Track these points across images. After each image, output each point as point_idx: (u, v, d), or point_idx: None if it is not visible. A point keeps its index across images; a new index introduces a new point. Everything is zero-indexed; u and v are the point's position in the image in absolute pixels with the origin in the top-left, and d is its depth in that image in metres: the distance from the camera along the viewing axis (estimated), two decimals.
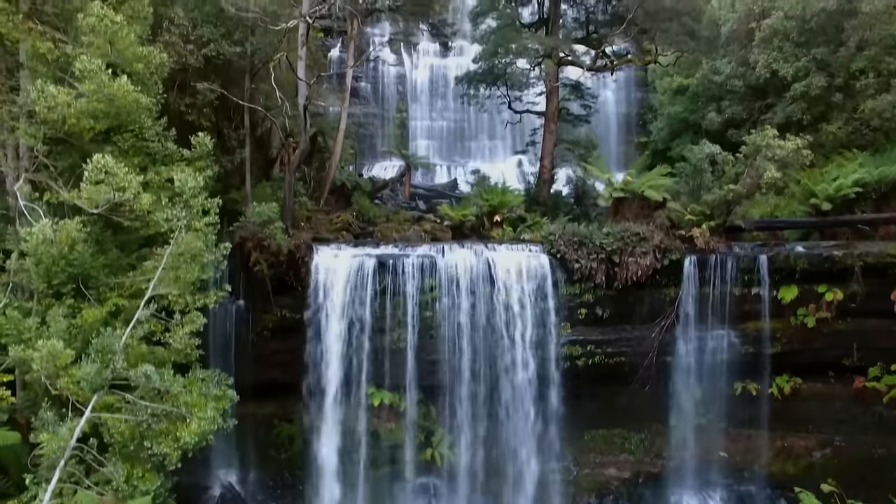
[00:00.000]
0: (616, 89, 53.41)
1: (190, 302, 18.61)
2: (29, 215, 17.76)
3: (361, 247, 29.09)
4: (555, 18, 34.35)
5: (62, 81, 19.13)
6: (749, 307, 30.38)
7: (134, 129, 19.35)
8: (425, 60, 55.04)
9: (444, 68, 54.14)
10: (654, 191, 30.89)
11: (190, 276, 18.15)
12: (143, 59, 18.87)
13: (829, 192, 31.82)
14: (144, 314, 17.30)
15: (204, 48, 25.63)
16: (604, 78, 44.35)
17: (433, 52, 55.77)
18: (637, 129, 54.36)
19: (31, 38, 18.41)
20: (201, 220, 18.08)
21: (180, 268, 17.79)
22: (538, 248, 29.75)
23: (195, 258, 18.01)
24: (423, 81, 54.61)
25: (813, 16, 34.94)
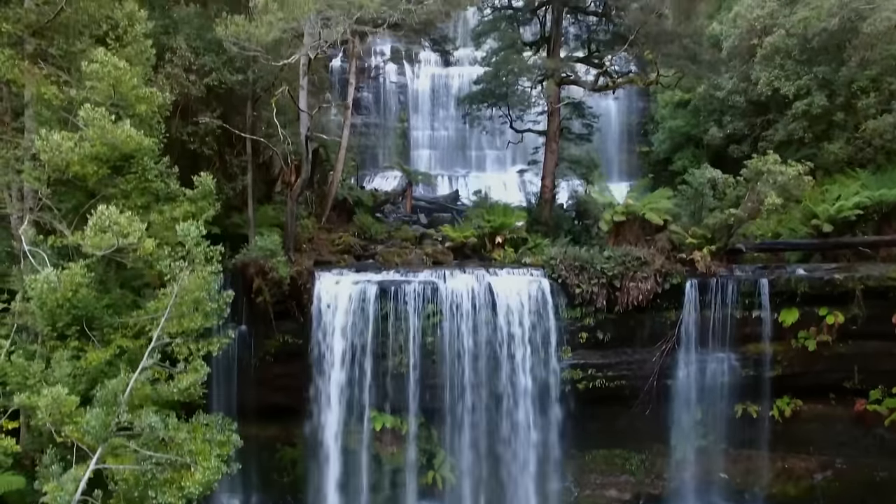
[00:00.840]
0: (618, 99, 53.34)
1: (193, 350, 18.74)
2: (33, 259, 17.87)
3: (363, 272, 29.18)
4: (556, 38, 34.34)
5: (66, 122, 19.25)
6: (750, 330, 30.50)
7: (137, 171, 19.45)
8: (427, 70, 54.95)
9: (446, 78, 54.03)
10: (655, 214, 30.92)
11: (193, 324, 18.29)
12: (146, 100, 18.94)
13: (831, 214, 31.87)
14: (149, 363, 17.41)
15: (206, 77, 25.71)
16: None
17: (434, 62, 55.67)
18: (639, 139, 54.22)
19: (36, 83, 18.50)
20: (204, 270, 18.16)
21: (184, 316, 17.92)
22: (539, 273, 29.86)
23: (198, 307, 18.14)
24: (424, 91, 54.50)
25: (815, 35, 34.94)
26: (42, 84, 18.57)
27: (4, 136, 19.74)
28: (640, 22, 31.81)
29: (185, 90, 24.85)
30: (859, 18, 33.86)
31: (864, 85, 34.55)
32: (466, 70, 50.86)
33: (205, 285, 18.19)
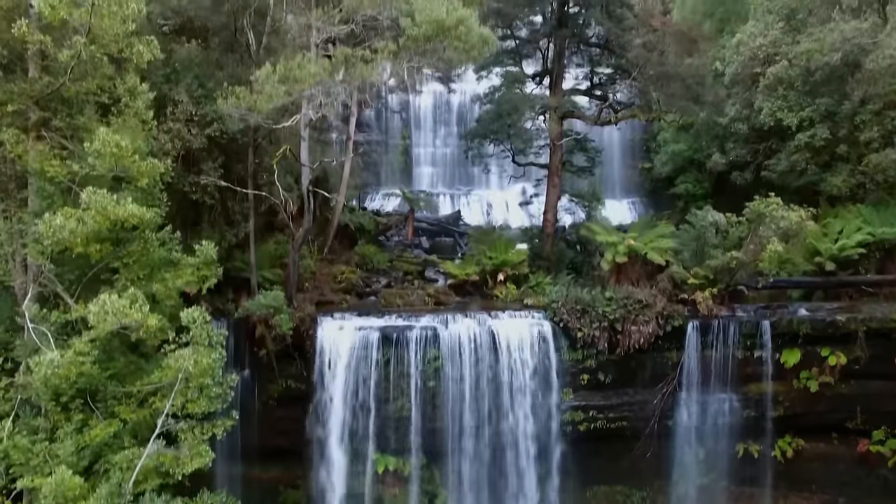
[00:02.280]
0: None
1: (198, 434, 18.81)
2: (38, 339, 17.95)
3: (365, 316, 29.23)
4: (559, 72, 34.24)
5: (69, 191, 19.31)
6: (751, 370, 30.60)
7: (139, 243, 19.47)
8: (429, 87, 54.85)
9: (448, 95, 53.92)
10: (657, 254, 30.94)
11: (197, 408, 18.37)
12: (147, 173, 18.96)
13: (833, 252, 31.80)
14: (153, 449, 17.51)
15: (207, 128, 25.71)
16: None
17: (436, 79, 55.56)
18: (641, 155, 54.09)
19: (40, 159, 18.55)
20: (209, 356, 18.23)
21: (188, 401, 18.03)
22: (541, 315, 29.95)
23: (203, 391, 18.24)
24: (426, 108, 54.40)
25: (817, 68, 34.74)
26: (45, 159, 18.59)
27: (9, 207, 19.79)
28: (642, 59, 31.73)
29: (188, 143, 24.84)
30: (862, 53, 33.71)
31: (866, 119, 34.40)
32: (469, 87, 50.71)
33: (209, 371, 18.25)
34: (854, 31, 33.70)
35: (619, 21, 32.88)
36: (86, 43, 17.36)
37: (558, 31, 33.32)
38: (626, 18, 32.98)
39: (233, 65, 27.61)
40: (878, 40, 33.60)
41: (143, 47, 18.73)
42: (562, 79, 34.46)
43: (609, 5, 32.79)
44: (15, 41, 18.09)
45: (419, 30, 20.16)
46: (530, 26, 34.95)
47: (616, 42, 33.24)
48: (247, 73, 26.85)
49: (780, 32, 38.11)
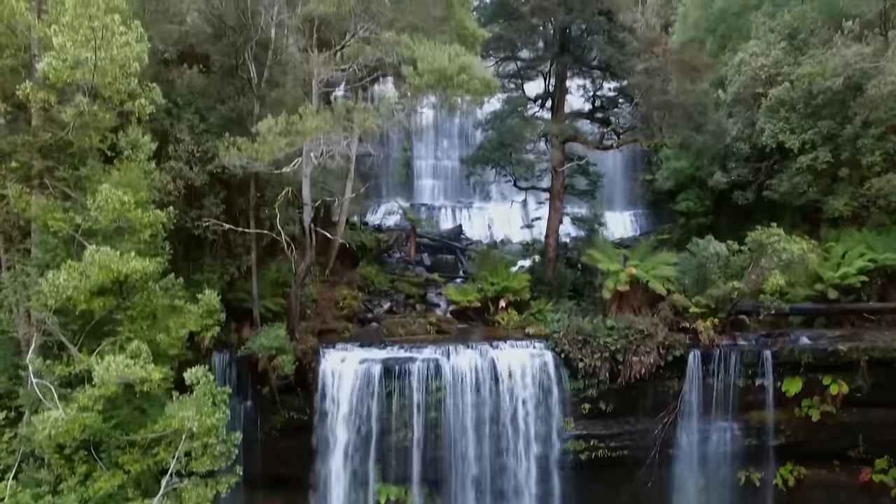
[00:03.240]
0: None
1: (202, 494, 18.86)
2: (41, 394, 18.02)
3: (368, 347, 29.29)
4: (560, 97, 34.20)
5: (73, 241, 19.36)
6: (753, 398, 30.67)
7: (142, 295, 19.51)
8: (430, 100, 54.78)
9: None
10: (659, 282, 30.97)
11: (201, 467, 18.45)
12: (150, 225, 19.01)
13: (835, 280, 31.79)
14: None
15: (209, 164, 25.71)
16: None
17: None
18: (643, 167, 54.04)
19: (43, 212, 18.59)
20: (213, 416, 18.29)
21: (192, 458, 18.11)
22: (542, 345, 30.02)
23: (206, 450, 18.31)
24: (427, 120, 54.23)
25: (819, 92, 34.66)
26: (48, 212, 18.63)
27: (12, 258, 19.85)
28: (645, 85, 31.66)
29: (190, 181, 24.90)
30: (864, 77, 33.67)
31: (868, 143, 34.33)
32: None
33: (213, 430, 18.32)
34: (856, 55, 33.68)
35: (620, 46, 32.81)
36: (88, 102, 17.36)
37: (560, 56, 33.27)
38: (628, 43, 32.91)
39: (235, 98, 27.53)
40: (879, 65, 33.57)
41: (145, 100, 18.69)
42: (563, 104, 34.42)
43: (611, 30, 32.68)
44: (19, 98, 18.05)
45: (421, 79, 20.18)
46: (532, 50, 34.83)
47: (618, 66, 33.14)
48: (249, 106, 27.11)
49: (782, 52, 38.05)
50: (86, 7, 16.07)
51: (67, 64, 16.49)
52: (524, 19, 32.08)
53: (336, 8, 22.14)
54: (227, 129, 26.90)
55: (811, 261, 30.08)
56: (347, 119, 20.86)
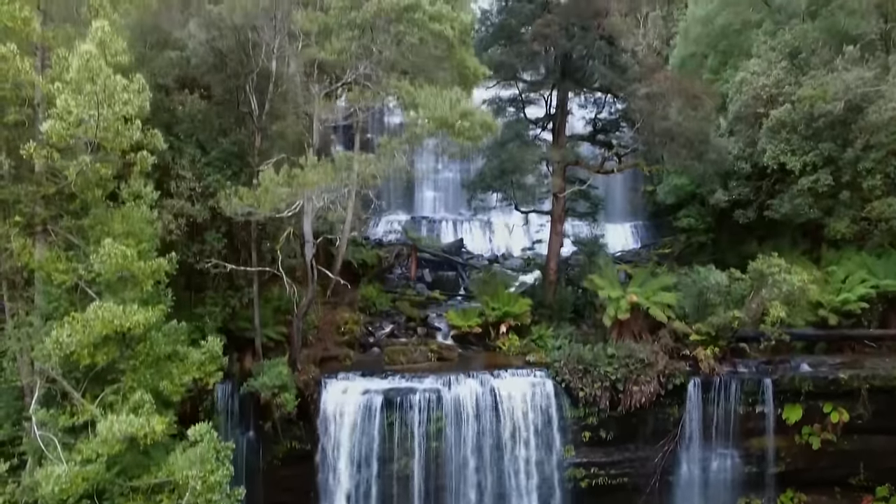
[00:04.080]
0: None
1: None
2: (44, 446, 18.14)
3: (369, 376, 29.39)
4: (561, 122, 34.22)
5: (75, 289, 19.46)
6: (753, 425, 30.82)
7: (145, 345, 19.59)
8: None
9: None
10: (660, 309, 31.08)
11: None
12: (153, 274, 19.09)
13: (836, 305, 31.85)
14: None
15: (210, 199, 25.76)
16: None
17: None
18: (644, 178, 53.93)
19: (46, 263, 18.68)
20: (217, 473, 18.39)
21: None
22: (543, 373, 30.18)
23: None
24: None
25: (820, 115, 34.62)
26: (51, 263, 18.71)
27: (16, 306, 19.95)
28: (646, 112, 31.66)
29: (191, 218, 24.97)
30: (865, 100, 33.66)
31: (869, 166, 34.34)
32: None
33: (217, 487, 18.42)
34: (857, 79, 33.65)
35: (622, 71, 32.81)
36: (91, 160, 17.44)
37: (561, 82, 33.29)
38: (629, 67, 32.90)
39: (236, 129, 27.58)
40: (880, 89, 33.55)
41: (147, 151, 18.75)
42: (564, 128, 34.45)
43: (612, 55, 32.66)
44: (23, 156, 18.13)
45: (423, 128, 20.21)
46: (533, 73, 34.80)
47: (619, 90, 33.17)
48: (251, 139, 27.14)
49: (783, 72, 37.90)
50: (89, 71, 16.09)
51: (71, 124, 16.54)
52: (525, 44, 32.01)
53: (337, 55, 22.18)
54: (229, 163, 27.16)
55: (812, 292, 30.03)
56: (348, 168, 20.90)
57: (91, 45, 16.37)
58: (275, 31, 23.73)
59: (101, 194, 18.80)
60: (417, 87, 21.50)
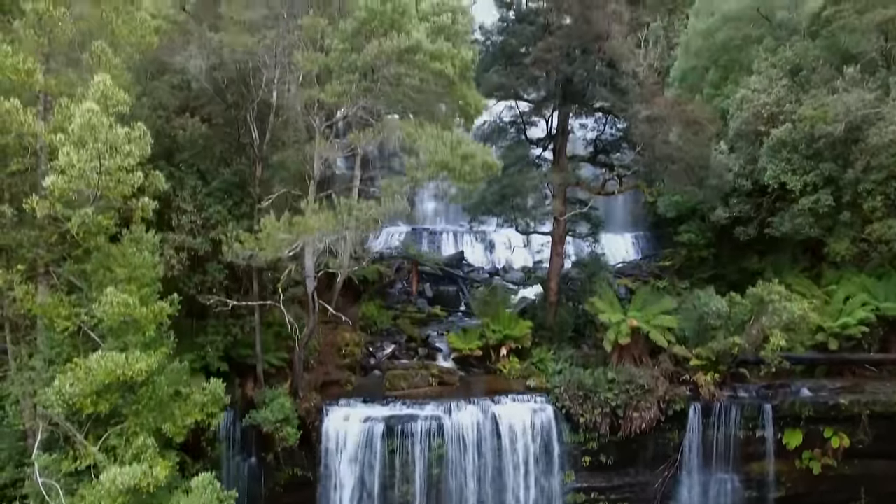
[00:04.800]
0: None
1: None
2: (46, 493, 18.25)
3: (370, 404, 29.46)
4: (562, 145, 34.19)
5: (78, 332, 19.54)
6: (753, 449, 30.97)
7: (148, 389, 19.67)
8: None
9: None
10: (660, 333, 31.14)
11: None
12: (157, 317, 19.17)
13: (836, 330, 31.88)
14: None
15: (212, 231, 25.81)
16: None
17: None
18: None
19: (49, 309, 18.74)
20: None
21: None
22: (543, 399, 30.29)
23: None
24: None
25: (820, 136, 34.58)
26: (53, 309, 18.77)
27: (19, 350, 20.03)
28: (647, 135, 31.65)
29: (194, 252, 25.03)
30: (865, 122, 33.62)
31: (870, 188, 34.34)
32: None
33: None
34: (857, 101, 33.56)
35: (623, 93, 32.75)
36: (94, 211, 17.50)
37: (562, 105, 33.25)
38: (630, 90, 32.85)
39: (237, 158, 27.61)
40: (881, 110, 33.51)
41: (149, 199, 18.81)
42: (565, 150, 34.41)
43: (613, 77, 32.61)
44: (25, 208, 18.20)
45: (424, 172, 20.24)
46: (535, 94, 34.74)
47: (621, 113, 33.18)
48: (252, 168, 27.16)
49: (784, 90, 37.88)
50: (91, 128, 16.12)
51: (73, 178, 16.58)
52: (526, 67, 31.95)
53: (337, 98, 22.19)
54: (230, 193, 27.20)
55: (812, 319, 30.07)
56: (349, 214, 20.94)
57: (93, 103, 16.38)
58: (276, 61, 23.68)
59: (102, 241, 18.81)
60: (418, 127, 21.50)
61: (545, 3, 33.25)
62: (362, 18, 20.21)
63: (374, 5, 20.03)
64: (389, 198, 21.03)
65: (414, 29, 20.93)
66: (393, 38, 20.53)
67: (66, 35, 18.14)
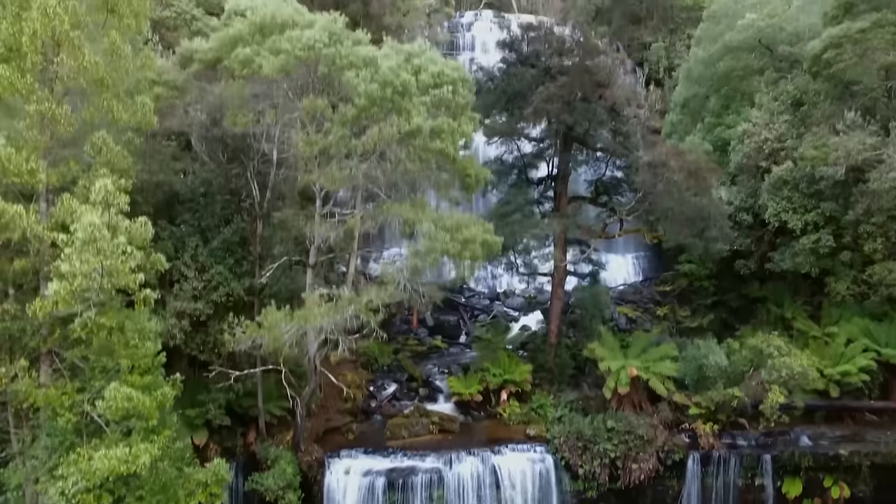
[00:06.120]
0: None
1: None
2: None
3: (371, 455, 29.64)
4: (563, 190, 34.21)
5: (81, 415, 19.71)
6: (752, 497, 31.12)
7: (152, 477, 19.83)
8: None
9: None
10: (659, 381, 31.31)
11: None
12: (161, 404, 19.32)
13: (836, 378, 31.98)
14: None
15: (213, 293, 25.95)
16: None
17: None
18: None
19: (52, 401, 18.91)
20: None
21: None
22: (543, 449, 30.49)
23: None
24: None
25: (821, 178, 34.57)
26: (56, 399, 18.94)
27: (23, 435, 20.21)
28: (648, 183, 31.70)
29: (196, 316, 25.18)
30: (866, 165, 33.58)
31: (870, 230, 34.35)
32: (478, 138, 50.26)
33: None
34: (858, 145, 33.44)
35: (625, 138, 32.80)
36: (97, 314, 17.63)
37: (563, 152, 33.26)
38: (632, 135, 32.89)
39: (237, 216, 27.70)
40: (881, 153, 33.43)
41: (151, 290, 18.92)
42: (566, 194, 34.44)
43: (615, 123, 32.63)
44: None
45: (424, 262, 20.32)
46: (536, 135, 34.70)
47: (622, 157, 33.25)
48: (252, 227, 27.27)
49: (786, 126, 37.87)
50: (94, 242, 16.22)
51: (76, 287, 16.71)
52: (527, 116, 31.93)
53: (337, 184, 22.23)
54: (231, 251, 27.29)
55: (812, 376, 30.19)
56: (350, 303, 21.05)
57: (94, 216, 16.46)
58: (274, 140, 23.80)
59: (104, 335, 18.93)
60: (418, 211, 21.55)
61: (546, 46, 33.19)
62: (362, 105, 20.21)
63: (373, 92, 20.01)
64: (391, 284, 21.15)
65: (414, 108, 20.91)
66: (393, 124, 20.56)
67: (68, 131, 18.18)
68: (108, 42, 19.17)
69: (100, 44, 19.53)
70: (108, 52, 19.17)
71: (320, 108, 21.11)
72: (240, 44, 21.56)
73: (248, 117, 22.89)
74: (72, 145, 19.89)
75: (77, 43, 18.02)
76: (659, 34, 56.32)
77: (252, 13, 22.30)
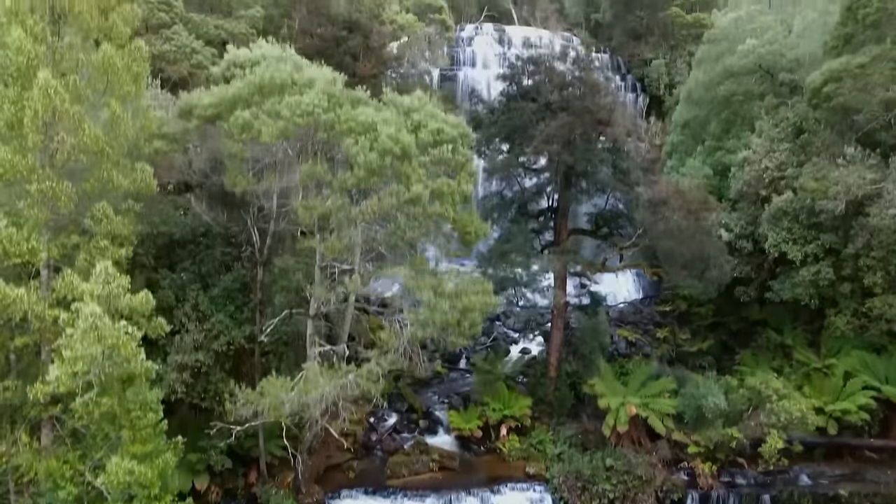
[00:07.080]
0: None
1: None
2: None
3: (372, 496, 29.81)
4: (563, 226, 34.23)
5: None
6: None
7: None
8: None
9: None
10: (658, 418, 31.46)
11: None
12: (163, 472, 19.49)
13: (836, 414, 32.08)
14: None
15: (214, 342, 26.07)
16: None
17: None
18: None
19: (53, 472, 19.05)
20: None
21: None
22: (542, 488, 30.65)
23: None
24: None
25: (821, 211, 34.56)
26: (58, 471, 19.09)
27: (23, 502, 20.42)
28: (648, 221, 31.74)
29: (197, 367, 25.30)
30: (866, 199, 33.57)
31: (870, 263, 34.38)
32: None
33: None
34: (858, 180, 33.40)
35: (625, 174, 32.82)
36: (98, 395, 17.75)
37: (564, 191, 33.27)
38: (632, 171, 32.91)
39: (238, 262, 27.78)
40: (881, 187, 33.39)
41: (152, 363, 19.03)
42: (566, 228, 34.45)
43: (615, 160, 32.65)
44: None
45: (424, 331, 20.40)
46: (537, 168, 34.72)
47: (621, 192, 33.29)
48: (253, 274, 27.34)
49: (786, 154, 37.84)
50: (96, 330, 16.30)
51: (77, 372, 16.82)
52: (527, 154, 31.98)
53: (337, 254, 22.31)
54: (232, 298, 27.37)
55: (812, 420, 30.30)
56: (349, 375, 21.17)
57: (95, 305, 16.54)
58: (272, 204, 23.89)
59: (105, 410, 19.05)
60: (418, 279, 21.62)
61: (547, 80, 33.08)
62: (361, 176, 20.23)
63: (373, 162, 20.02)
64: (391, 353, 21.25)
65: (413, 172, 20.92)
66: (393, 194, 20.60)
67: (69, 206, 18.24)
68: (109, 112, 19.17)
69: (100, 112, 19.56)
70: (108, 123, 19.17)
71: (319, 174, 21.13)
72: (239, 104, 21.54)
73: (247, 178, 22.91)
74: (73, 213, 19.96)
75: (77, 118, 18.04)
76: (659, 50, 56.30)
77: (251, 71, 22.25)
